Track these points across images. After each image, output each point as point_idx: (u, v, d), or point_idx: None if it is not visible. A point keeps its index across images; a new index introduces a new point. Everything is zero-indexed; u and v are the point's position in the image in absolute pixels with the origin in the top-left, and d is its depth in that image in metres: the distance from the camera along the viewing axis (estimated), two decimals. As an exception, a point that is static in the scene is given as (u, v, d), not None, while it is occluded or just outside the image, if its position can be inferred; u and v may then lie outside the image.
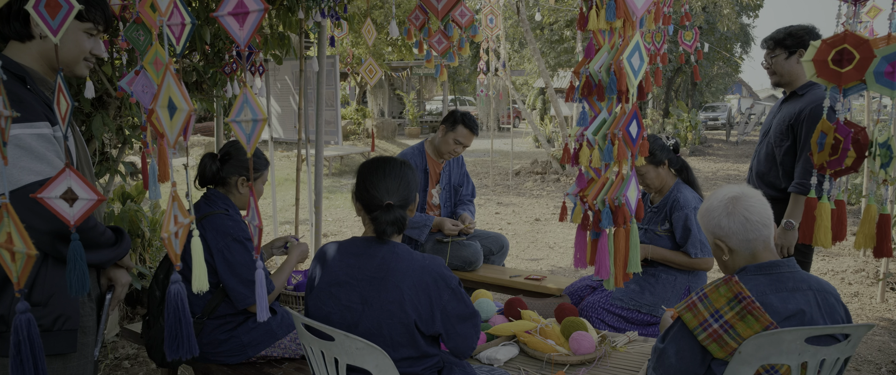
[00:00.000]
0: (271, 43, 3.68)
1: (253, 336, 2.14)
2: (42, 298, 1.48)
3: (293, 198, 4.15)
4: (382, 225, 1.62)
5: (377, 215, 1.63)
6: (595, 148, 1.64)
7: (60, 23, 1.03)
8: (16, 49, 1.52)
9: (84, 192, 1.14)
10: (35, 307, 1.47)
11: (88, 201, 1.11)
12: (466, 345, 1.69)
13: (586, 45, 1.69)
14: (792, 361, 1.44)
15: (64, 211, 1.14)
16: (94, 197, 1.10)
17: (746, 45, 20.88)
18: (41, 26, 1.03)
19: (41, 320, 1.48)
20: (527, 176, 10.84)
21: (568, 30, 15.65)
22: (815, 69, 1.32)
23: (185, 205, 1.17)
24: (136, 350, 3.44)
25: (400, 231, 1.65)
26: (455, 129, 3.29)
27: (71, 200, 1.13)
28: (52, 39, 1.04)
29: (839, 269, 5.04)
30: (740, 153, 15.93)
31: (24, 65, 1.50)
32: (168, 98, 1.03)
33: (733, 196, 1.60)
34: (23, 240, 0.94)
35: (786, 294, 1.51)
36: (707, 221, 1.64)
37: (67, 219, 1.16)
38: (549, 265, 5.46)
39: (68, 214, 1.14)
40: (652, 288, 2.70)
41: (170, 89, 1.03)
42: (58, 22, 1.02)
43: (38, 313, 1.48)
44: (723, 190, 1.64)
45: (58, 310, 1.51)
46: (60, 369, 1.54)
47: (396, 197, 1.64)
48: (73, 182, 1.13)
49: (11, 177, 1.39)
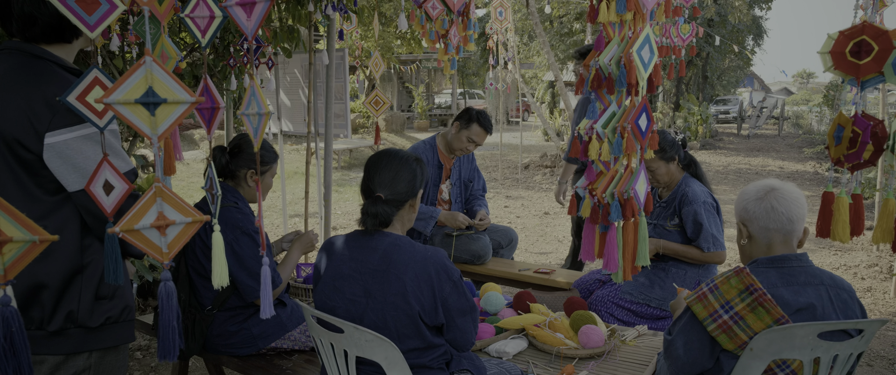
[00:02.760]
0: (281, 36, 3.68)
1: (263, 328, 2.15)
2: (109, 291, 1.48)
3: (302, 192, 4.17)
4: (362, 215, 1.64)
5: (364, 205, 1.65)
6: (604, 141, 1.63)
7: (100, 20, 1.02)
8: (62, 50, 1.44)
9: (117, 182, 1.16)
10: (103, 300, 1.47)
11: (121, 188, 1.13)
12: (464, 339, 1.69)
13: (596, 38, 1.68)
14: (804, 356, 1.42)
15: (103, 201, 1.16)
16: (125, 187, 1.11)
17: (759, 37, 20.63)
18: (75, 22, 1.01)
19: (110, 312, 1.49)
20: (536, 169, 10.80)
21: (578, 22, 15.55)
22: (832, 61, 1.30)
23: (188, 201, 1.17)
24: (147, 340, 3.47)
25: (380, 224, 1.64)
26: (469, 127, 3.26)
27: (108, 190, 1.14)
28: (89, 35, 1.03)
29: (852, 264, 4.99)
30: (752, 147, 15.79)
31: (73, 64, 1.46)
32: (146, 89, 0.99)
33: (772, 186, 1.61)
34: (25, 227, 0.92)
35: (797, 287, 1.50)
36: (738, 202, 1.66)
37: (105, 209, 1.17)
38: (558, 258, 5.44)
39: (106, 204, 1.16)
40: (662, 282, 2.68)
41: (152, 80, 0.99)
42: (96, 19, 1.01)
43: (107, 305, 1.48)
44: (768, 180, 1.66)
45: (124, 301, 1.52)
46: (113, 361, 1.55)
47: (387, 191, 1.65)
48: (109, 173, 1.15)
49: None
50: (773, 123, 23.41)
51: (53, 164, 1.32)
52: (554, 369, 2.02)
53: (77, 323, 1.44)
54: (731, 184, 9.54)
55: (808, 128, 20.87)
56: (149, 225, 0.99)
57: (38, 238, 0.91)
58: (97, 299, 1.47)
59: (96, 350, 1.50)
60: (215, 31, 1.26)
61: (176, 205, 1.02)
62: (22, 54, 1.39)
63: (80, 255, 1.43)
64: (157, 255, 1.01)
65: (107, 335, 1.50)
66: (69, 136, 1.32)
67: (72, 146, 1.33)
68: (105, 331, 1.50)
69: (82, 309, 1.45)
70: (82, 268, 1.43)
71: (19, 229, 0.91)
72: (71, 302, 1.43)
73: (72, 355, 1.45)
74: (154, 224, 0.99)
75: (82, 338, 1.45)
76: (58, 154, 1.32)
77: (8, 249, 0.91)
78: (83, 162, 1.34)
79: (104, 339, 1.50)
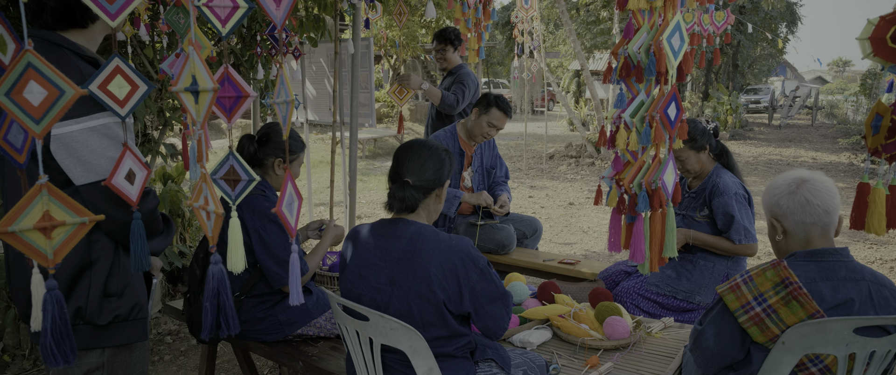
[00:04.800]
0: (307, 25, 3.70)
1: (289, 315, 2.18)
2: (118, 288, 1.47)
3: (328, 180, 4.20)
4: (389, 198, 1.67)
5: (391, 188, 1.67)
6: (632, 130, 1.60)
7: (121, 8, 1.02)
8: (78, 36, 1.43)
9: (138, 169, 1.18)
10: (111, 297, 1.47)
11: (143, 174, 1.15)
12: (497, 325, 1.68)
13: (625, 26, 1.65)
14: (838, 352, 1.39)
15: (128, 191, 1.18)
16: (145, 172, 1.13)
17: (792, 24, 20.06)
18: (97, 12, 0.99)
19: (118, 310, 1.48)
20: (561, 159, 10.72)
21: (605, 10, 15.32)
22: (871, 48, 1.25)
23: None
24: (177, 325, 3.56)
25: (407, 209, 1.66)
26: (489, 112, 3.27)
27: (131, 179, 1.17)
28: (110, 24, 1.03)
29: (888, 258, 4.85)
30: (783, 137, 15.43)
31: (94, 53, 1.45)
32: (191, 78, 1.04)
33: (801, 177, 1.56)
34: (73, 210, 0.95)
35: (837, 282, 1.46)
36: (768, 197, 1.61)
37: (130, 198, 1.19)
38: (582, 249, 5.41)
39: (131, 193, 1.18)
40: (689, 275, 2.64)
41: (194, 68, 1.03)
42: (117, 8, 1.02)
43: (115, 303, 1.47)
44: (794, 172, 1.60)
45: (133, 299, 1.51)
46: (127, 359, 1.55)
47: (415, 177, 1.67)
48: (132, 162, 1.17)
49: (99, 167, 1.33)
50: (805, 113, 22.81)
51: (60, 156, 1.30)
52: (578, 360, 2.01)
53: (85, 320, 1.44)
54: (762, 176, 9.34)
55: (843, 118, 20.28)
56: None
57: (87, 219, 0.95)
58: (105, 296, 1.46)
59: (108, 348, 1.50)
60: (238, 22, 1.24)
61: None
62: (40, 42, 1.36)
63: (87, 251, 1.43)
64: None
65: (116, 333, 1.50)
66: (75, 128, 1.29)
67: (77, 138, 1.30)
68: (114, 329, 1.49)
69: (90, 305, 1.44)
70: (90, 264, 1.43)
71: (68, 212, 0.95)
72: (79, 298, 1.43)
73: (82, 351, 1.46)
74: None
75: (91, 335, 1.45)
76: (64, 146, 1.30)
77: (57, 233, 0.95)
78: (89, 155, 1.31)
79: (113, 337, 1.49)
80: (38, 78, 0.93)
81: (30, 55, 0.92)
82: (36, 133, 0.93)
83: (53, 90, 0.94)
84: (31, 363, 2.98)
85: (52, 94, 0.94)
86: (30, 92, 0.93)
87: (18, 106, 0.92)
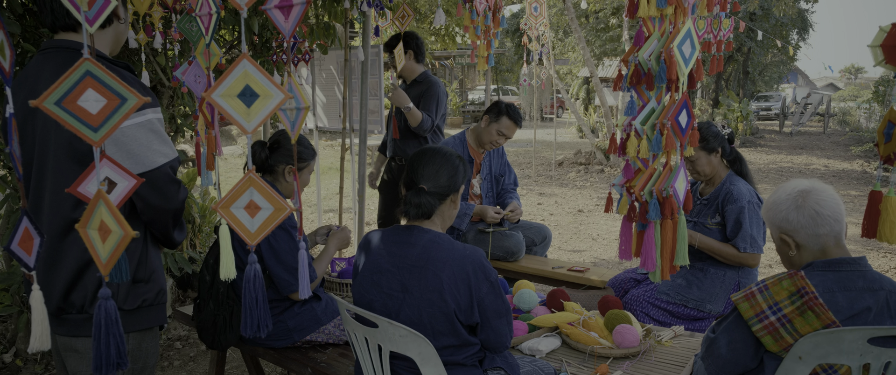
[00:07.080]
0: (317, 33, 3.72)
1: (298, 321, 2.19)
2: (145, 275, 1.56)
3: (337, 187, 4.21)
4: (405, 205, 1.66)
5: (407, 195, 1.67)
6: (643, 138, 1.60)
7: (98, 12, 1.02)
8: (96, 39, 1.52)
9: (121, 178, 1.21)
10: (139, 283, 1.55)
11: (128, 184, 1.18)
12: (498, 341, 1.69)
13: (635, 33, 1.64)
14: (852, 362, 1.37)
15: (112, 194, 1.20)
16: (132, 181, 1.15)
17: (804, 31, 19.94)
18: (73, 13, 0.99)
19: (146, 295, 1.56)
20: (570, 166, 10.69)
21: (614, 17, 15.31)
22: (883, 55, 1.24)
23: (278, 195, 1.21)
24: (187, 331, 3.57)
25: (422, 215, 1.66)
26: (499, 120, 3.27)
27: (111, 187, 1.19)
28: (89, 30, 0.99)
29: (901, 267, 4.79)
30: (795, 144, 15.31)
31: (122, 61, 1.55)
32: (244, 85, 1.06)
33: (803, 189, 1.54)
34: (118, 223, 0.97)
35: (855, 293, 1.44)
36: (773, 215, 1.58)
37: None
38: (592, 256, 5.38)
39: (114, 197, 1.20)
40: (699, 283, 2.62)
41: (248, 77, 1.05)
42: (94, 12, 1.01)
43: (143, 289, 1.56)
44: (791, 184, 1.58)
45: (158, 285, 1.60)
46: (150, 346, 1.63)
47: (431, 184, 1.67)
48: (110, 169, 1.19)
49: (147, 159, 1.44)
50: (817, 120, 22.63)
51: (109, 151, 1.38)
52: (587, 368, 1.99)
53: (81, 311, 1.51)
54: (773, 183, 9.27)
55: (856, 126, 20.10)
56: (242, 208, 1.10)
57: (124, 232, 0.97)
58: (134, 282, 1.54)
59: (133, 333, 1.57)
60: (214, 29, 1.37)
61: (265, 194, 1.12)
62: (66, 52, 1.46)
63: None
64: (246, 236, 1.11)
65: (143, 317, 1.57)
66: (126, 124, 1.38)
67: (127, 133, 1.39)
68: (141, 313, 1.57)
69: (121, 292, 1.52)
70: None
71: (115, 224, 0.97)
72: (79, 295, 1.49)
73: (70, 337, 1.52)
74: (246, 207, 1.09)
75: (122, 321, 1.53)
76: (113, 140, 1.38)
77: (109, 242, 0.97)
78: (137, 147, 1.41)
79: (140, 321, 1.57)
80: (97, 86, 0.92)
81: (89, 63, 0.92)
82: (93, 141, 0.93)
83: (113, 98, 0.93)
84: (42, 367, 3.00)
85: (112, 102, 0.93)
86: (86, 100, 0.92)
87: (72, 114, 0.92)
